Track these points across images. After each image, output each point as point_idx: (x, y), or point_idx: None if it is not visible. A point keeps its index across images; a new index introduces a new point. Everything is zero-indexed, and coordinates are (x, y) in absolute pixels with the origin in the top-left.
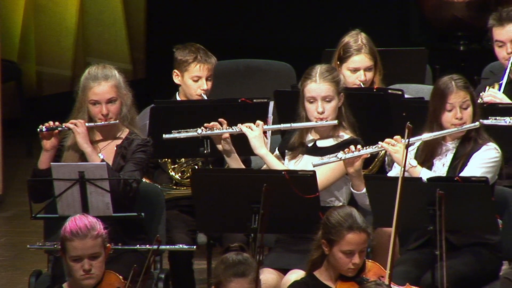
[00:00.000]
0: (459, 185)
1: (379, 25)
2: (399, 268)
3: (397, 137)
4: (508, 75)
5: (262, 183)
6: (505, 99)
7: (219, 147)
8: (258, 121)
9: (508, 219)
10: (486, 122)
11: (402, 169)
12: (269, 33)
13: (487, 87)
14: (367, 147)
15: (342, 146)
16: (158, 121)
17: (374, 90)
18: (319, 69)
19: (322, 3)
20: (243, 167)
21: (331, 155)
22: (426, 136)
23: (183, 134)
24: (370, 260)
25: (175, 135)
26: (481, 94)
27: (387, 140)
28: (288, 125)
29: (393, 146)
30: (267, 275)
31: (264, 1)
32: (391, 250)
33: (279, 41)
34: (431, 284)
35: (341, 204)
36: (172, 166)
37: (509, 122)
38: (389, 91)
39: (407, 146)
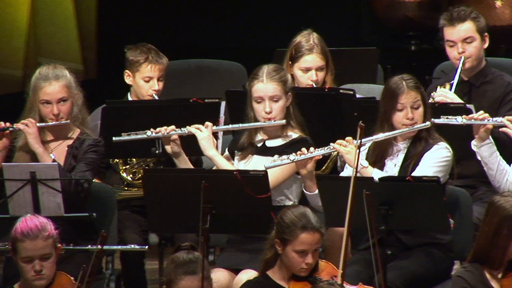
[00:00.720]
0: (411, 185)
1: (331, 25)
2: (352, 267)
3: (349, 138)
4: (459, 75)
5: (214, 183)
6: (456, 99)
7: (168, 148)
8: (207, 123)
9: (459, 219)
10: (437, 121)
11: (354, 169)
12: (221, 33)
13: (438, 87)
14: (319, 148)
15: (291, 145)
16: (110, 122)
17: (326, 90)
18: (266, 69)
19: (273, 3)
20: (192, 167)
21: (284, 157)
22: (378, 136)
23: (132, 137)
24: (323, 260)
25: (125, 137)
26: (432, 94)
27: (338, 141)
28: (236, 125)
29: (345, 147)
30: (219, 274)
31: (216, 1)
32: (344, 250)
33: (231, 41)
34: (383, 283)
35: (291, 203)
36: (124, 167)
37: (461, 121)
38: (341, 91)
39: (360, 146)
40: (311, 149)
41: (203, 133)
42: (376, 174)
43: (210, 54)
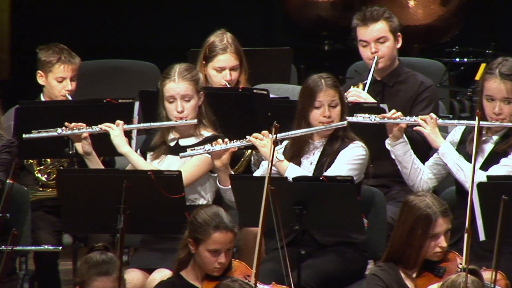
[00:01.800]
0: (325, 185)
1: (244, 24)
2: (266, 267)
3: (265, 132)
4: (373, 74)
5: (127, 183)
6: (369, 99)
7: (79, 148)
8: (118, 121)
9: (373, 219)
10: (351, 119)
11: (270, 163)
12: (134, 33)
13: (352, 87)
14: (235, 140)
15: (204, 143)
16: (23, 122)
17: (240, 90)
18: (177, 68)
19: (187, 2)
20: (102, 167)
21: (199, 147)
22: (294, 132)
23: (43, 134)
24: (236, 260)
25: (35, 135)
26: (345, 93)
27: (254, 134)
28: (148, 124)
29: (261, 141)
30: (132, 274)
31: (129, 1)
32: (257, 249)
33: (144, 41)
34: (297, 282)
35: (205, 202)
36: (38, 168)
37: (375, 120)
38: (255, 90)
39: (275, 144)
40: (227, 140)
41: (115, 131)
42: (291, 168)
43: (123, 54)
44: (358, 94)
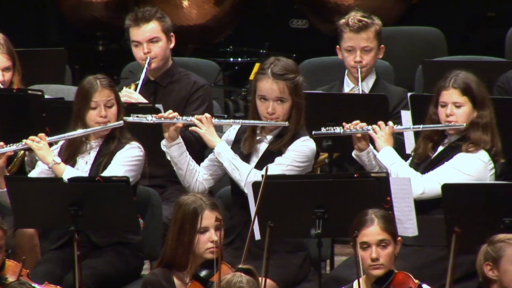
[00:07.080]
0: (100, 185)
1: (18, 25)
2: (42, 267)
3: (41, 134)
4: (146, 75)
5: None
6: (141, 99)
7: None
8: None
9: (150, 219)
10: (129, 119)
11: (49, 165)
12: None
13: (124, 87)
14: (11, 144)
15: None
16: None
17: (14, 91)
18: None
19: None
20: None
21: None
22: (70, 134)
23: None
24: (10, 260)
25: None
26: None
27: (31, 137)
28: None
29: (38, 143)
30: None
31: None
32: (35, 250)
33: None
34: (73, 283)
35: None
36: None
37: (151, 119)
38: (29, 91)
39: (51, 144)
40: (2, 144)
41: None
42: (68, 171)
43: None
44: (129, 94)
